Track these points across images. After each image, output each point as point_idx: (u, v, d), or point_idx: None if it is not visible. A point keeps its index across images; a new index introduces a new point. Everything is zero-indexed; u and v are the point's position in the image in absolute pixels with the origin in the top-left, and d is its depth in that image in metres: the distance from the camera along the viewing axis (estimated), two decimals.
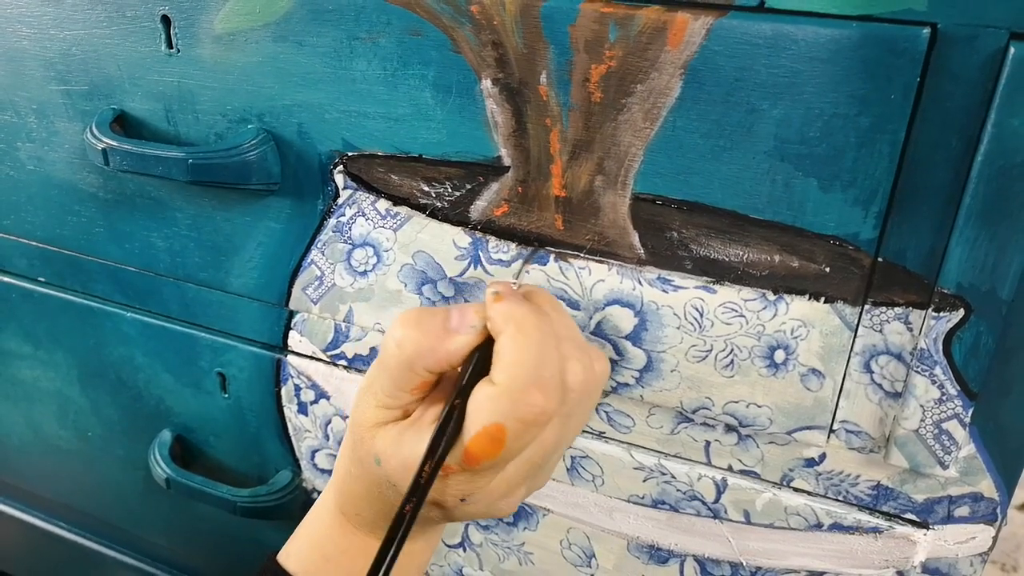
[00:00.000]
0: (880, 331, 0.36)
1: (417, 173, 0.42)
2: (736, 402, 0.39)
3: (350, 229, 0.45)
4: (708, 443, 0.42)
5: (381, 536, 0.33)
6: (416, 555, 0.39)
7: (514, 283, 0.37)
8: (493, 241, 0.41)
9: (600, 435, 0.45)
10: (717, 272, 0.38)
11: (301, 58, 0.41)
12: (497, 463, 0.32)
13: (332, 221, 0.45)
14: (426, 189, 0.42)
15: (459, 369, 0.34)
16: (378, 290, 0.45)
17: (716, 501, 0.43)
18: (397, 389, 0.34)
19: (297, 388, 0.52)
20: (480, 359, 0.33)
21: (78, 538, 0.72)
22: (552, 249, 0.40)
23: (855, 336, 0.36)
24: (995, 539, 0.39)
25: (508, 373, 0.31)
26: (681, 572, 0.46)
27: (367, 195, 0.44)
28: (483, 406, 0.31)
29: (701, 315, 0.38)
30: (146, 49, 0.45)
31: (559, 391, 0.32)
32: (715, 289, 0.38)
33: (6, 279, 0.60)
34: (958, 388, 0.35)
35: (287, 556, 0.39)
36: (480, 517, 0.35)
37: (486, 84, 0.38)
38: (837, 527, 0.41)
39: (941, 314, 0.34)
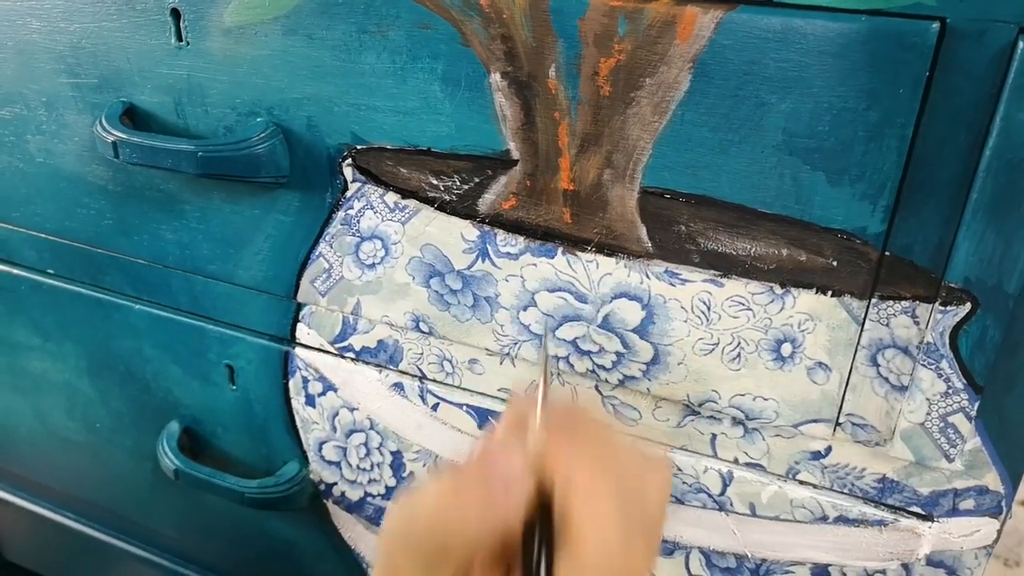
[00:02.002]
0: (887, 325, 0.36)
1: (426, 166, 0.42)
2: (743, 395, 0.40)
3: (358, 222, 0.45)
4: (714, 436, 0.42)
5: None
6: None
7: (535, 394, 0.33)
8: (501, 234, 0.42)
9: None
10: (725, 266, 0.38)
11: (310, 51, 0.41)
12: None
13: (340, 214, 0.45)
14: (434, 182, 0.42)
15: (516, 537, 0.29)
16: (386, 283, 0.46)
17: (722, 493, 0.43)
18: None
19: (305, 380, 0.52)
20: (541, 524, 0.28)
21: (86, 529, 0.73)
22: (560, 242, 0.41)
23: (862, 330, 0.36)
24: (999, 532, 0.39)
25: (598, 551, 0.27)
26: (686, 564, 0.46)
27: (376, 188, 0.44)
28: None
29: (708, 308, 0.39)
30: (156, 42, 0.45)
31: (650, 536, 0.29)
32: (722, 282, 0.38)
33: (15, 271, 0.60)
34: (964, 382, 0.35)
35: None
36: None
37: (495, 77, 0.38)
38: (842, 520, 0.41)
39: (948, 308, 0.34)
